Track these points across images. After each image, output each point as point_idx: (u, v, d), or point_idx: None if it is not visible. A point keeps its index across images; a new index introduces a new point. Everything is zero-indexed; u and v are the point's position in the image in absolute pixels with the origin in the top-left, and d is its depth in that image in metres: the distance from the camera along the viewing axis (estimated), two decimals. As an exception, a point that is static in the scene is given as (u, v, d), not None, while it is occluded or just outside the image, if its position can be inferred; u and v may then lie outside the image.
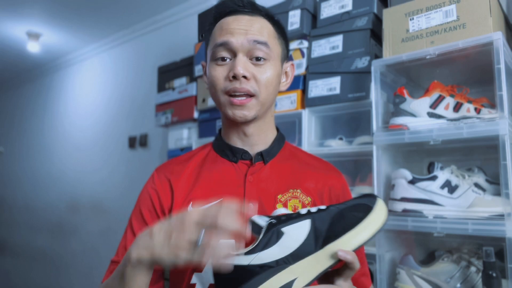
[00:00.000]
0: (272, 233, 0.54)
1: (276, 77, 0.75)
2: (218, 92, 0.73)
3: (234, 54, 0.72)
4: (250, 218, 0.57)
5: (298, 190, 0.76)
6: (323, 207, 0.58)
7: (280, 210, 0.59)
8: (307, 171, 0.80)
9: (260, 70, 0.72)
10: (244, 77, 0.71)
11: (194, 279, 0.70)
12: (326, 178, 0.80)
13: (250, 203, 0.73)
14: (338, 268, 0.59)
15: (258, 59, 0.72)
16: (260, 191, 0.75)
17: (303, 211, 0.57)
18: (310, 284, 0.52)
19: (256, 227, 0.56)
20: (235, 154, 0.79)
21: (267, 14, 0.77)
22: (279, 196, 0.74)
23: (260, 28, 0.73)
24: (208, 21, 0.79)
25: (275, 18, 0.78)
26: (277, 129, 0.85)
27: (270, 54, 0.73)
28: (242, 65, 0.70)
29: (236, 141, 0.79)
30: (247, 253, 0.53)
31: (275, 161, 0.80)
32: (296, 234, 0.54)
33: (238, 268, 0.52)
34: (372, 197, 0.58)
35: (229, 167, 0.78)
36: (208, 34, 0.78)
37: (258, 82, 0.72)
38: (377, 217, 0.55)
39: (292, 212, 0.58)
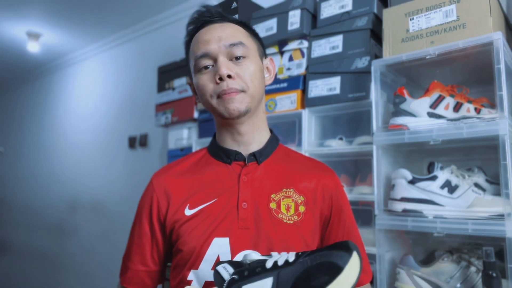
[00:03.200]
0: None
1: (258, 71, 0.78)
2: (208, 96, 0.76)
3: (215, 60, 0.75)
4: (216, 267, 0.56)
5: (291, 190, 0.78)
6: (291, 258, 0.54)
7: (251, 255, 0.57)
8: (301, 171, 0.82)
9: (242, 67, 0.76)
10: (229, 76, 0.74)
11: (190, 276, 0.73)
12: (319, 178, 0.81)
13: (244, 202, 0.75)
14: None
15: (237, 58, 0.76)
16: (254, 191, 0.77)
17: (269, 263, 0.54)
18: None
19: (218, 278, 0.55)
20: (228, 156, 0.81)
21: (236, 20, 0.81)
22: (272, 195, 0.76)
23: (232, 31, 0.78)
24: (185, 38, 0.84)
25: (243, 22, 0.83)
26: (271, 131, 0.87)
27: (248, 51, 0.77)
28: (225, 65, 0.74)
29: (230, 143, 0.82)
30: None
31: (269, 161, 0.82)
32: None
33: None
34: (346, 251, 0.51)
35: (223, 168, 0.81)
36: (187, 51, 0.83)
37: (243, 79, 0.75)
38: (345, 280, 0.49)
39: (261, 259, 0.55)
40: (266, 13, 1.49)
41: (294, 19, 1.40)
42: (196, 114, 1.82)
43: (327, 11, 1.35)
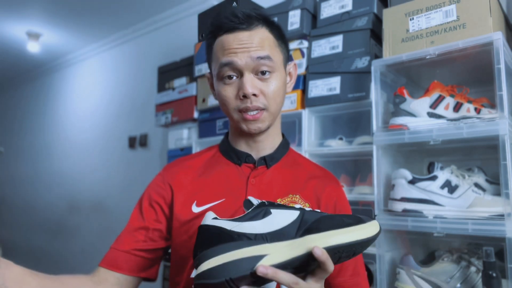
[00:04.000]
0: (260, 210, 0.57)
1: (282, 85, 0.78)
2: (231, 110, 0.76)
3: (240, 72, 0.74)
4: (247, 197, 0.60)
5: (297, 196, 0.78)
6: (318, 210, 0.59)
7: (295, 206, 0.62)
8: (308, 178, 0.83)
9: (267, 84, 0.75)
10: (254, 94, 0.73)
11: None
12: (324, 186, 0.82)
13: None
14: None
15: (263, 73, 0.74)
16: (261, 194, 0.77)
17: (298, 206, 0.59)
18: (277, 266, 0.52)
19: (249, 205, 0.59)
20: (239, 157, 0.82)
21: (265, 20, 0.77)
22: (278, 200, 0.77)
23: (261, 41, 0.75)
24: (207, 35, 0.81)
25: (272, 22, 0.79)
26: (283, 135, 0.88)
27: (274, 65, 0.75)
28: (250, 83, 0.73)
29: (243, 146, 0.83)
30: (231, 220, 0.57)
31: (278, 166, 0.82)
32: (282, 217, 0.56)
33: (218, 230, 0.56)
34: (369, 217, 0.58)
35: (233, 169, 0.82)
36: (209, 48, 0.80)
37: (266, 96, 0.74)
38: (365, 230, 0.54)
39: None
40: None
41: (294, 19, 1.40)
42: (196, 114, 1.82)
43: (327, 11, 1.35)
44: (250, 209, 0.58)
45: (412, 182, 1.02)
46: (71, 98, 3.60)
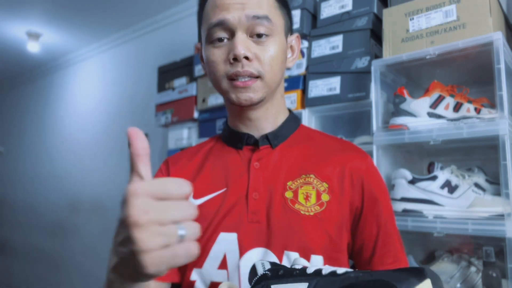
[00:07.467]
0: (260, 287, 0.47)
1: (281, 53, 0.68)
2: (219, 77, 0.66)
3: (232, 33, 0.64)
4: (255, 262, 0.50)
5: (312, 175, 0.67)
6: (341, 271, 0.43)
7: (300, 261, 0.49)
8: (325, 154, 0.70)
9: (263, 48, 0.65)
10: (246, 58, 0.63)
11: (193, 275, 0.66)
12: (346, 160, 0.69)
13: (254, 192, 0.67)
14: None
15: (259, 35, 0.64)
16: (267, 179, 0.68)
17: (311, 269, 0.45)
18: None
19: (252, 273, 0.49)
20: (239, 140, 0.72)
21: None
22: (289, 183, 0.67)
23: (259, 0, 0.65)
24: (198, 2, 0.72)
25: None
26: (290, 111, 0.77)
27: (273, 28, 0.65)
28: (243, 44, 0.63)
29: (241, 127, 0.73)
30: None
31: (286, 144, 0.72)
32: None
33: None
34: (415, 276, 0.37)
35: (234, 154, 0.72)
36: (200, 11, 0.70)
37: (261, 62, 0.65)
38: None
39: (302, 267, 0.47)
40: None
41: (294, 19, 1.40)
42: (196, 114, 1.82)
43: (327, 11, 1.35)
44: (250, 285, 0.47)
45: (412, 182, 1.02)
46: (71, 98, 3.60)
